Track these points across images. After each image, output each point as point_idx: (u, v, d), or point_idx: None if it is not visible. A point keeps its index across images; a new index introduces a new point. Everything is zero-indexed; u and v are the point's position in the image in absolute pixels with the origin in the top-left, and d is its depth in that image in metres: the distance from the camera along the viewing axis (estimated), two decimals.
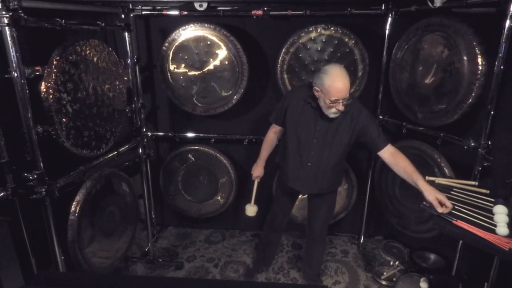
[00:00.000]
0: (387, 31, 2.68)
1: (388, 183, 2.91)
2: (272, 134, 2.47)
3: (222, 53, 2.79)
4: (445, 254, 2.77)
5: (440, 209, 1.74)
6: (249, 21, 2.83)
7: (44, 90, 1.82)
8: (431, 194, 1.81)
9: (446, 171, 2.35)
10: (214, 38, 2.76)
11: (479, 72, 2.03)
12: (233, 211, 3.42)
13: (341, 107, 1.99)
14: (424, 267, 2.75)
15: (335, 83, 1.93)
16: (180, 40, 2.78)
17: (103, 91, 2.30)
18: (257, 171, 2.51)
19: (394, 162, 2.06)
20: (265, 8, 2.66)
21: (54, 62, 1.85)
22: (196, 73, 2.86)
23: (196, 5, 2.66)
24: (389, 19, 2.64)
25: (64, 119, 1.95)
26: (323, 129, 2.15)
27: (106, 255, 2.48)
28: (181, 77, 2.88)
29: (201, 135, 3.15)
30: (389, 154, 2.09)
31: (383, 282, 2.81)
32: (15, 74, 1.65)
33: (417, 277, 2.64)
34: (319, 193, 2.37)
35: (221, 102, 2.92)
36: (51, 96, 1.84)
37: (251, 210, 2.55)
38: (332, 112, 2.04)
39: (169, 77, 2.89)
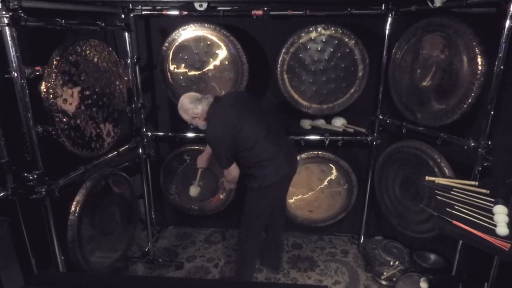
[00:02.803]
0: (387, 31, 2.68)
1: (388, 183, 2.91)
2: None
3: (222, 53, 2.79)
4: (445, 254, 2.77)
5: None
6: (249, 21, 2.83)
7: (45, 90, 1.82)
8: None
9: (446, 171, 2.35)
10: (214, 38, 2.76)
11: (479, 72, 2.03)
12: (233, 210, 3.41)
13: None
14: (424, 267, 2.75)
15: None
16: (180, 40, 2.77)
17: (104, 91, 2.30)
18: (201, 163, 2.75)
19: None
20: (265, 8, 2.66)
21: (55, 62, 1.85)
22: (196, 73, 2.86)
23: (196, 5, 2.66)
24: (389, 19, 2.64)
25: (64, 119, 1.95)
26: None
27: (105, 255, 2.48)
28: (181, 77, 2.88)
29: (201, 135, 3.14)
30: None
31: (383, 282, 2.81)
32: (15, 74, 1.66)
33: (417, 277, 2.64)
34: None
35: None
36: (51, 96, 1.84)
37: (193, 191, 2.86)
38: None
39: (169, 77, 2.89)
